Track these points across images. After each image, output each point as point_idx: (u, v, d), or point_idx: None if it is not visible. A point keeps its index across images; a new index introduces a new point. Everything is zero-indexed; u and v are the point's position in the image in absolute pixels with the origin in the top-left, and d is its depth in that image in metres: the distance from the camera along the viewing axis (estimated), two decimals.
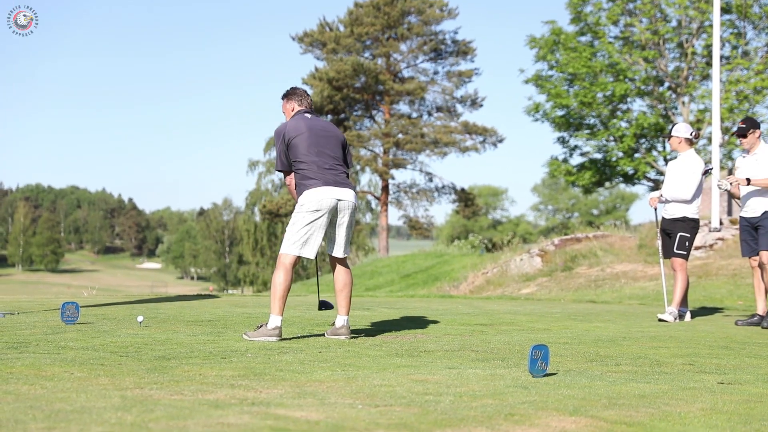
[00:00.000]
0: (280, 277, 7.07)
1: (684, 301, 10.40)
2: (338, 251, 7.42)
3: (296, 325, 8.36)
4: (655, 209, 10.77)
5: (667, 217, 10.41)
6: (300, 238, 7.15)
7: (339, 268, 7.45)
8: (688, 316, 10.38)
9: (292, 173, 7.36)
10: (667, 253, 10.43)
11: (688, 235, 10.24)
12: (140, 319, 7.70)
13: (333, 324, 7.41)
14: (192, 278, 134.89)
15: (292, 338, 7.14)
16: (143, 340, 6.55)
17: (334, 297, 7.66)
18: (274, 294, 7.05)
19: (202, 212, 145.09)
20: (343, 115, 49.91)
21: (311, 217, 7.17)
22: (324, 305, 7.91)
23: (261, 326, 7.01)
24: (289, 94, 7.66)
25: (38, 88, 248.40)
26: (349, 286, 7.42)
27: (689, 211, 10.24)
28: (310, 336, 7.36)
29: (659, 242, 10.66)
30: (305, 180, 7.25)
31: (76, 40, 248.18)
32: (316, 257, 7.35)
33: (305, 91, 7.72)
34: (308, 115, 7.51)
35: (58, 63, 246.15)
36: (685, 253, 10.25)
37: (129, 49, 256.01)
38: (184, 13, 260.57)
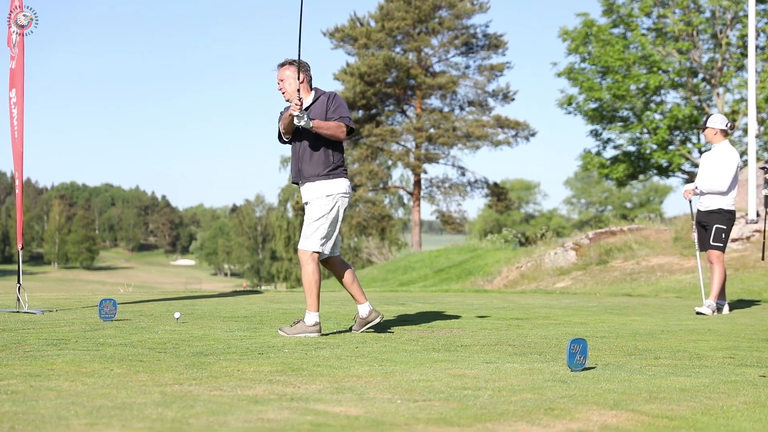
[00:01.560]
0: (316, 273, 6.97)
1: (722, 294, 10.30)
2: (337, 249, 7.27)
3: (332, 320, 8.37)
4: (690, 201, 10.68)
5: (702, 209, 10.32)
6: (325, 234, 6.99)
7: (341, 262, 7.30)
8: (726, 308, 10.29)
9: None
10: (704, 246, 10.34)
11: (725, 227, 10.14)
12: (177, 315, 7.73)
13: (357, 316, 7.32)
14: (225, 274, 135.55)
15: (329, 334, 7.15)
16: (181, 336, 6.58)
17: (347, 291, 7.42)
18: (310, 290, 6.94)
19: (234, 209, 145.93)
20: (375, 110, 49.91)
21: (338, 212, 7.01)
22: None
23: (298, 322, 6.97)
24: (303, 66, 7.12)
25: (73, 86, 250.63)
26: (355, 275, 7.31)
27: (725, 203, 10.13)
28: (346, 331, 7.36)
29: (695, 235, 10.57)
30: (340, 164, 7.07)
31: (108, 37, 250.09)
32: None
33: None
34: None
35: (91, 61, 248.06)
36: (721, 245, 10.16)
37: (162, 46, 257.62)
38: (219, 7, 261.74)
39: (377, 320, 7.22)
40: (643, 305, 11.47)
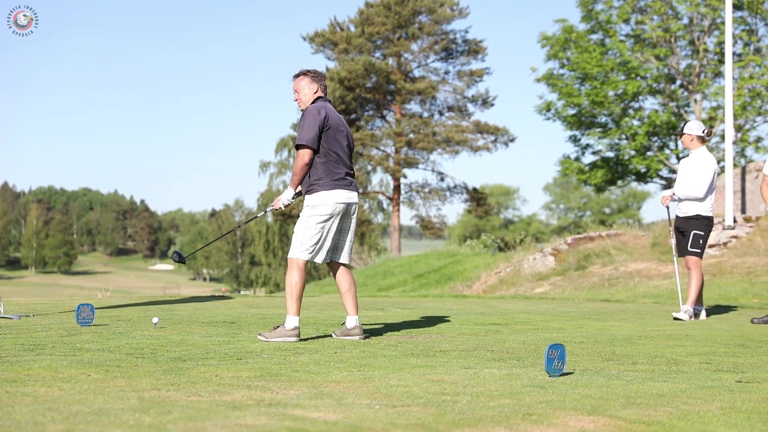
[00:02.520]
0: (295, 278, 7.00)
1: (699, 300, 10.36)
2: (345, 258, 7.33)
3: (311, 325, 8.36)
4: (668, 207, 10.76)
5: (680, 215, 10.38)
6: (313, 244, 7.04)
7: (342, 270, 7.35)
8: (703, 314, 10.35)
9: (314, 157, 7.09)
10: (681, 252, 10.40)
11: (702, 233, 10.20)
12: (155, 320, 7.71)
13: (343, 324, 7.37)
14: (204, 279, 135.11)
15: (308, 339, 7.14)
16: (159, 341, 6.56)
17: (341, 300, 7.53)
18: (290, 295, 6.98)
19: (213, 213, 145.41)
20: (354, 115, 49.90)
21: (323, 221, 7.05)
22: (179, 258, 8.00)
23: (278, 327, 6.99)
24: (318, 76, 7.31)
25: (49, 89, 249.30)
26: (354, 286, 7.34)
27: (703, 209, 10.20)
28: (325, 336, 7.36)
29: (673, 240, 10.63)
30: (321, 177, 7.06)
31: (85, 41, 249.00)
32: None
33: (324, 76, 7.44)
34: (329, 106, 7.32)
35: (68, 64, 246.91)
36: (699, 251, 10.22)
37: (137, 50, 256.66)
38: (194, 12, 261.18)
39: (356, 338, 7.20)
40: (621, 311, 11.52)
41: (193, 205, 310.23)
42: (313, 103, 7.29)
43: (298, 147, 7.07)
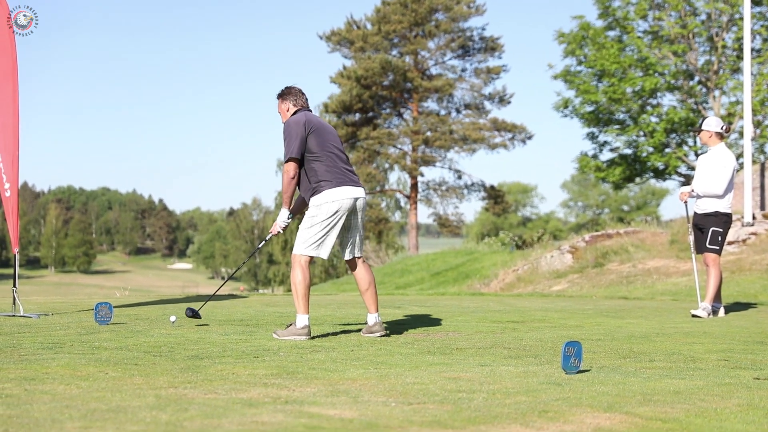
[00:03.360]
0: (299, 276, 7.02)
1: (717, 297, 10.31)
2: (357, 251, 7.36)
3: (327, 323, 8.37)
4: (686, 204, 10.69)
5: (699, 212, 10.33)
6: (316, 240, 7.06)
7: (360, 267, 7.37)
8: (722, 311, 10.30)
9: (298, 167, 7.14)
10: (700, 249, 10.35)
11: (721, 230, 10.14)
12: (173, 319, 7.74)
13: (366, 323, 7.43)
14: (222, 278, 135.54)
15: (324, 336, 7.15)
16: (176, 339, 6.58)
17: (361, 296, 7.55)
18: (297, 293, 7.00)
19: (231, 212, 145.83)
20: (371, 113, 49.93)
21: (329, 218, 7.06)
22: (193, 313, 7.91)
23: (291, 325, 7.02)
24: (284, 94, 7.40)
25: (67, 89, 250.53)
26: (373, 284, 7.36)
27: (721, 206, 10.14)
28: (342, 334, 7.37)
29: (691, 237, 10.59)
30: (323, 177, 7.09)
31: (104, 40, 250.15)
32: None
33: (300, 90, 7.46)
34: (310, 113, 7.34)
35: (87, 64, 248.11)
36: (717, 248, 10.16)
37: (156, 51, 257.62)
38: (213, 11, 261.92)
39: (377, 335, 7.24)
40: (638, 308, 11.48)
41: (212, 204, 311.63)
42: (297, 111, 7.36)
43: (285, 163, 7.15)
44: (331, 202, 7.06)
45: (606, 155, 38.42)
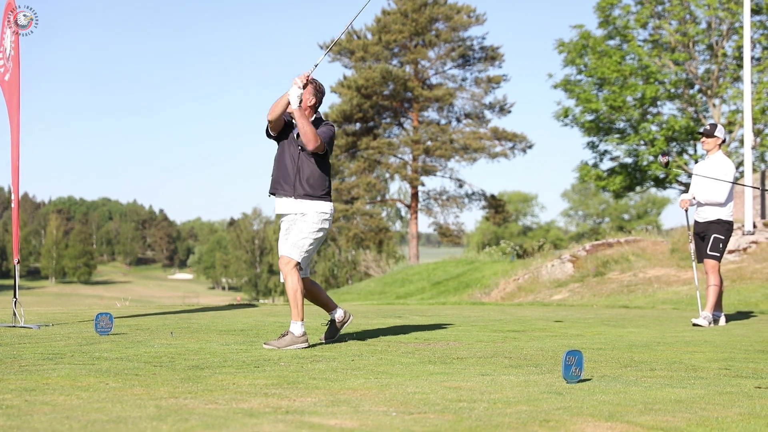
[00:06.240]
0: (297, 283, 7.03)
1: (718, 305, 10.29)
2: (308, 272, 7.41)
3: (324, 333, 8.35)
4: (686, 211, 10.67)
5: (700, 220, 10.32)
6: (311, 249, 7.14)
7: (311, 282, 7.45)
8: (722, 320, 10.28)
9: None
10: (701, 257, 10.34)
11: (723, 237, 10.12)
12: (172, 334, 7.77)
13: (331, 321, 7.51)
14: (223, 288, 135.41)
15: (324, 346, 7.15)
16: (176, 350, 6.57)
17: (320, 306, 7.63)
18: (295, 300, 6.98)
19: (232, 222, 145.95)
20: (372, 123, 49.98)
21: (325, 233, 7.22)
22: None
23: (285, 334, 6.97)
24: (319, 91, 7.27)
25: (68, 99, 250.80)
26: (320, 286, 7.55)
27: (723, 214, 10.13)
28: (342, 343, 7.36)
29: (692, 246, 10.58)
30: (328, 189, 7.22)
31: (104, 50, 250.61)
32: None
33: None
34: None
35: (87, 74, 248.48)
36: (718, 254, 10.13)
37: (159, 58, 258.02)
38: (211, 21, 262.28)
39: (351, 318, 7.56)
40: (639, 317, 11.47)
41: (212, 214, 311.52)
42: (313, 113, 7.31)
43: (320, 144, 7.07)
44: (329, 218, 7.22)
45: (606, 164, 38.50)
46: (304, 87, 7.07)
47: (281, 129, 7.27)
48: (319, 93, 7.27)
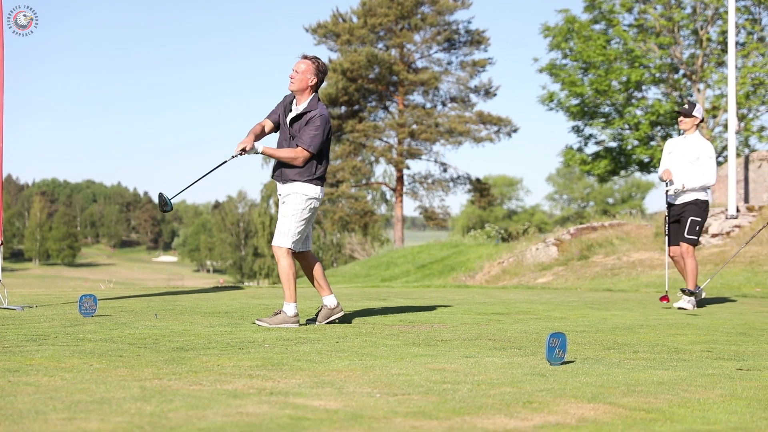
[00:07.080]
0: (291, 266, 7.20)
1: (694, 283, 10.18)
2: (309, 245, 7.50)
3: (312, 315, 8.36)
4: (667, 183, 10.21)
5: (676, 202, 10.18)
6: (298, 232, 7.23)
7: (309, 255, 7.51)
8: (703, 293, 10.32)
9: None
10: (676, 240, 10.22)
11: (699, 219, 10.01)
12: (155, 316, 7.78)
13: (323, 307, 7.50)
14: (208, 271, 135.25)
15: (309, 328, 7.16)
16: (161, 331, 6.57)
17: (316, 287, 7.63)
18: (287, 282, 7.16)
19: (217, 205, 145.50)
20: (357, 107, 49.88)
21: (312, 213, 7.29)
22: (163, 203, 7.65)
23: (278, 313, 7.09)
24: (321, 70, 7.32)
25: (51, 81, 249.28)
26: (323, 269, 7.56)
27: (700, 194, 10.06)
28: (327, 326, 7.37)
29: (667, 227, 10.35)
30: (316, 172, 7.26)
31: (88, 33, 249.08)
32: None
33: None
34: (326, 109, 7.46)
35: (71, 56, 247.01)
36: (695, 238, 10.00)
37: (140, 43, 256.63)
38: (195, 4, 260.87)
39: (341, 314, 7.50)
40: (623, 300, 11.52)
41: (197, 197, 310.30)
42: (312, 93, 7.34)
43: (305, 152, 7.18)
44: (317, 199, 7.27)
45: (591, 148, 38.57)
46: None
47: (279, 122, 7.47)
48: (321, 73, 7.33)
